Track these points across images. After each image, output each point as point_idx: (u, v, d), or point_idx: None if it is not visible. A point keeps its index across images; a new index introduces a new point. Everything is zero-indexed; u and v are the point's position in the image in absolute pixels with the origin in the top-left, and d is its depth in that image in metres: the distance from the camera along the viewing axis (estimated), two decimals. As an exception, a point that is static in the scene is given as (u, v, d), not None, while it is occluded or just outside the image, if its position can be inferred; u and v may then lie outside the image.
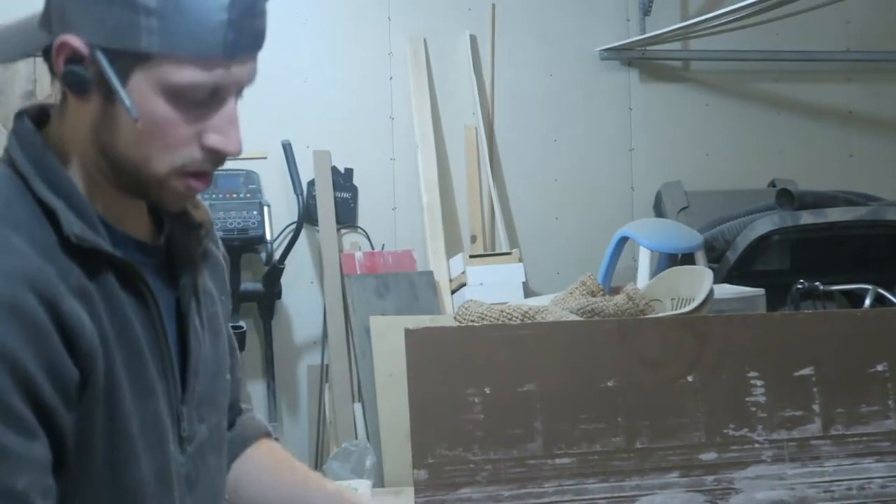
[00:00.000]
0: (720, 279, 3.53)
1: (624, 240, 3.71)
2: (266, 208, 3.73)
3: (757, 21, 4.03)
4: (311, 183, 3.97)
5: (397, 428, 3.07)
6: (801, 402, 1.72)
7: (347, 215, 4.06)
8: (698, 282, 2.40)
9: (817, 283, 3.26)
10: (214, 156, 1.05)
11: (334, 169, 4.02)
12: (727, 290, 3.01)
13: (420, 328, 1.67)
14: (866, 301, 3.18)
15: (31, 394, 0.96)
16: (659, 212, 4.30)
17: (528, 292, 3.79)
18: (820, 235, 3.65)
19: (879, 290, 3.18)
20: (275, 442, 1.43)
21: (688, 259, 3.55)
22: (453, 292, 3.81)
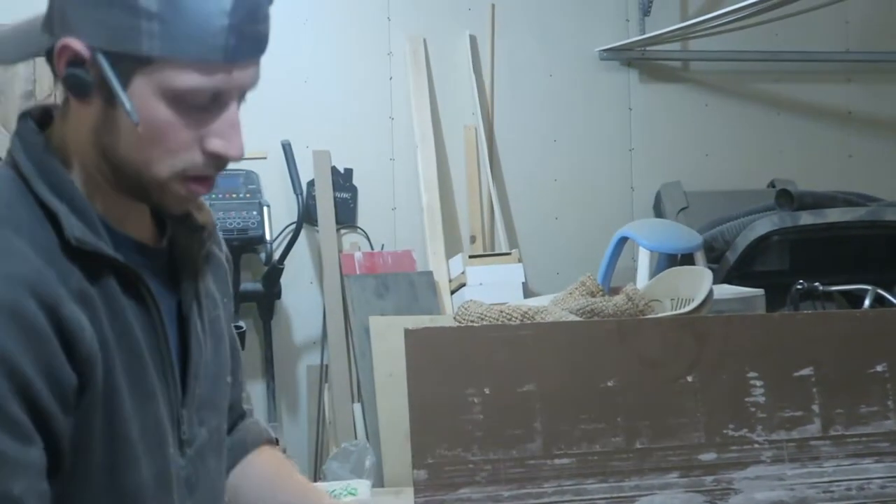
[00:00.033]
0: (720, 279, 3.54)
1: (623, 240, 3.71)
2: (266, 208, 3.73)
3: (756, 21, 4.03)
4: (311, 183, 3.97)
5: (397, 428, 3.07)
6: (801, 403, 1.72)
7: (347, 215, 4.06)
8: (698, 282, 2.40)
9: (817, 284, 3.26)
10: (216, 160, 1.05)
11: (334, 169, 4.02)
12: (727, 291, 3.01)
13: (419, 328, 1.67)
14: (866, 301, 3.18)
15: (29, 399, 0.96)
16: (658, 212, 4.31)
17: (528, 293, 3.79)
18: (819, 236, 3.65)
19: (879, 291, 3.18)
20: (277, 449, 1.43)
21: (687, 259, 3.55)
22: (453, 292, 3.81)
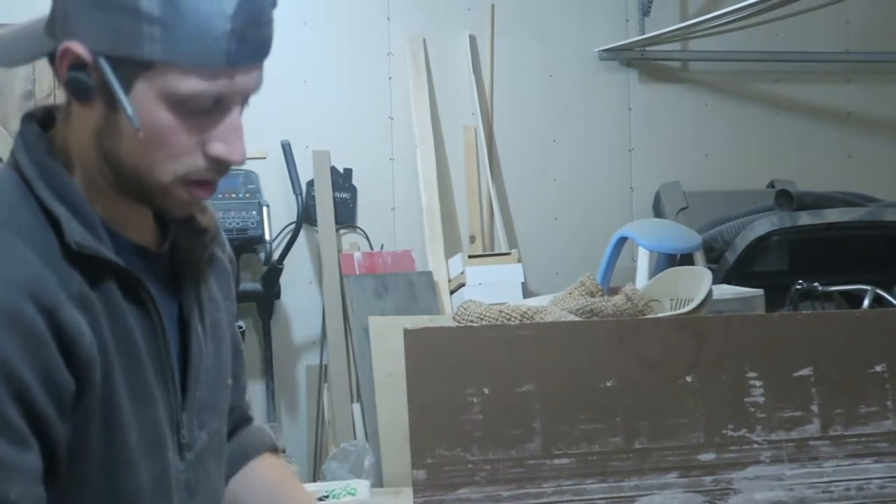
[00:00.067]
0: (719, 280, 3.54)
1: (623, 240, 3.71)
2: (265, 208, 3.73)
3: (756, 22, 4.03)
4: (311, 183, 3.97)
5: (396, 428, 3.07)
6: (800, 403, 1.72)
7: (346, 215, 4.06)
8: (697, 282, 2.40)
9: (816, 284, 3.26)
10: (218, 165, 1.04)
11: (333, 169, 4.02)
12: (726, 291, 3.02)
13: (419, 328, 1.67)
14: (865, 302, 3.18)
15: (26, 403, 0.96)
16: (658, 212, 4.30)
17: (527, 292, 3.79)
18: (819, 236, 3.65)
19: (878, 291, 3.18)
20: (279, 457, 1.42)
21: (687, 259, 3.55)
22: (452, 292, 3.81)
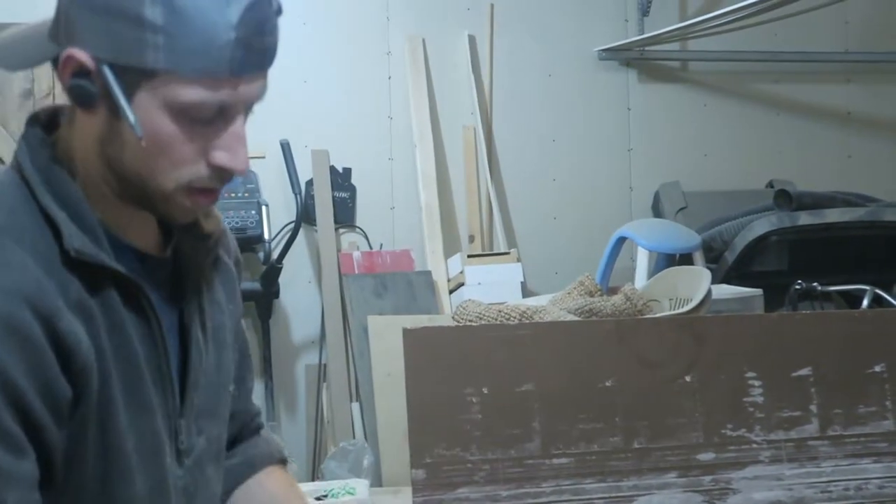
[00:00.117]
0: (718, 280, 3.54)
1: (622, 240, 3.71)
2: (264, 207, 3.73)
3: (756, 22, 4.03)
4: (310, 182, 3.97)
5: (395, 427, 3.07)
6: (799, 403, 1.72)
7: (345, 215, 4.06)
8: (696, 282, 2.40)
9: (815, 284, 3.26)
10: (220, 173, 1.04)
11: (332, 168, 4.02)
12: (725, 291, 3.02)
13: (418, 328, 1.67)
14: (864, 302, 3.18)
15: (22, 411, 0.96)
16: (657, 212, 4.30)
17: (526, 292, 3.79)
18: (818, 236, 3.65)
19: (877, 291, 3.18)
20: (286, 472, 1.42)
21: (686, 259, 3.55)
22: (451, 292, 3.81)
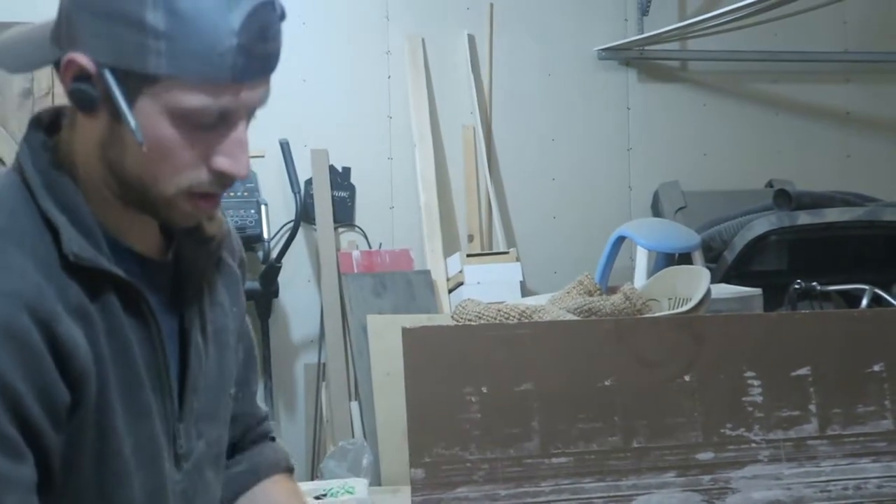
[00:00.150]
0: (717, 279, 3.54)
1: (621, 239, 3.71)
2: (263, 207, 3.72)
3: (755, 21, 4.03)
4: (309, 182, 3.96)
5: (394, 427, 3.07)
6: (798, 402, 1.72)
7: (345, 214, 4.06)
8: (695, 282, 2.40)
9: (814, 284, 3.26)
10: (222, 178, 1.04)
11: (332, 168, 4.02)
12: (724, 290, 3.02)
13: (417, 327, 1.67)
14: (863, 301, 3.18)
15: (20, 415, 0.95)
16: (656, 211, 4.31)
17: (526, 291, 3.79)
18: (817, 236, 3.65)
19: (876, 291, 3.18)
20: (292, 481, 1.42)
21: (685, 259, 3.55)
22: (450, 291, 3.81)
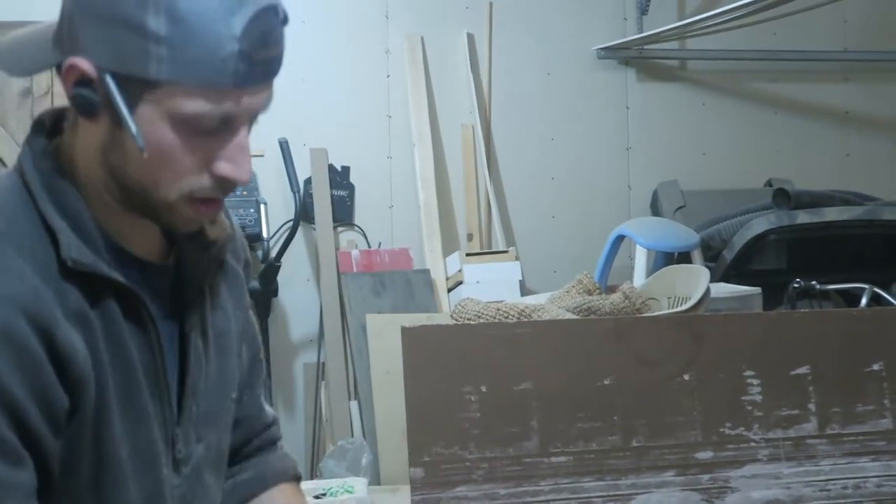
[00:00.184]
0: (717, 278, 3.53)
1: (620, 238, 3.71)
2: (263, 206, 3.72)
3: (754, 20, 4.03)
4: (308, 181, 3.96)
5: (393, 426, 3.07)
6: (797, 402, 1.72)
7: (344, 213, 4.06)
8: (695, 281, 2.40)
9: (814, 283, 3.26)
10: (223, 184, 1.03)
11: (331, 167, 4.02)
12: (723, 289, 3.01)
13: (416, 326, 1.67)
14: (862, 300, 3.18)
15: (19, 421, 0.95)
16: (655, 211, 4.31)
17: (525, 290, 3.78)
18: (816, 235, 3.65)
19: (876, 290, 3.17)
20: (299, 490, 1.42)
21: (684, 258, 3.55)
22: (450, 290, 3.81)
